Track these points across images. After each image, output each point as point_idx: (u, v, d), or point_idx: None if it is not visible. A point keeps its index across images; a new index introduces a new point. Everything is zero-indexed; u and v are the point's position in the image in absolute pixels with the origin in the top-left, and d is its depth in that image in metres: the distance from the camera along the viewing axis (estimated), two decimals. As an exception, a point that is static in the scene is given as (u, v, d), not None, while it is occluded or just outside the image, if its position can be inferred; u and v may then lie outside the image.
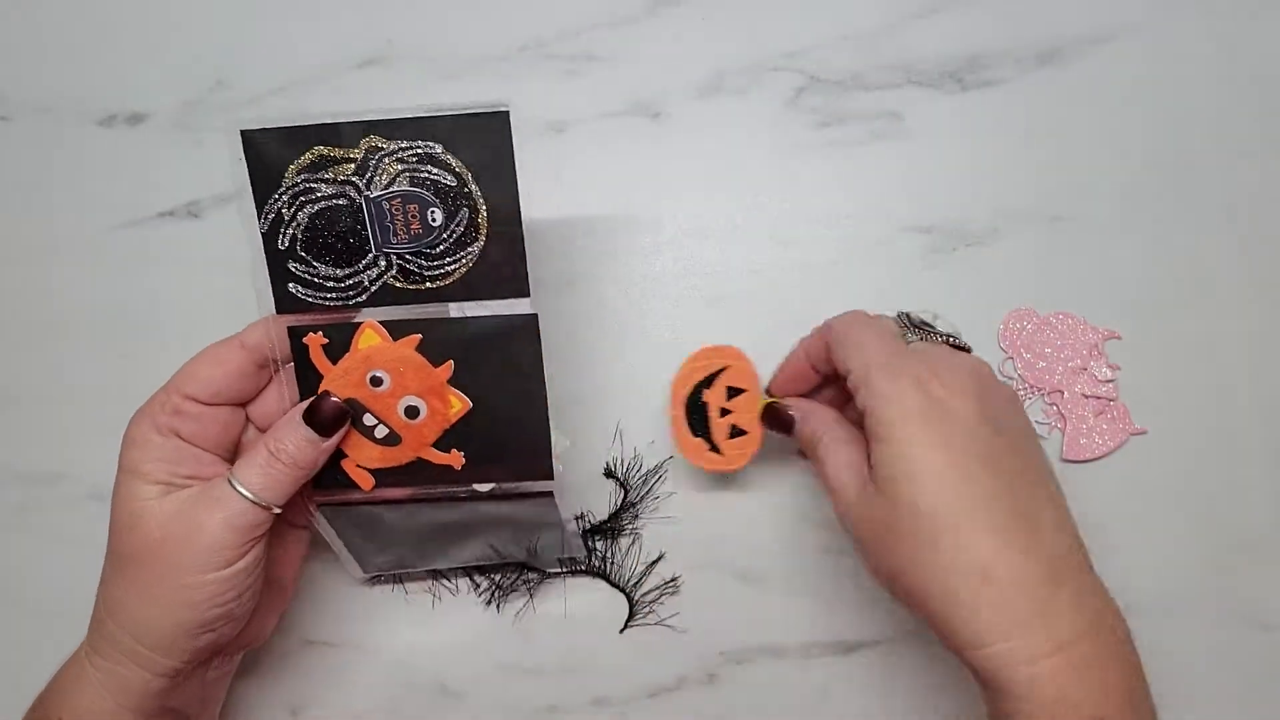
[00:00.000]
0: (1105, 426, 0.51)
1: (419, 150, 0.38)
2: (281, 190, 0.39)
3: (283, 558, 0.46)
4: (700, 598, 0.51)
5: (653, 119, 0.54)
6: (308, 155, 0.38)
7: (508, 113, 0.37)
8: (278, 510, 0.40)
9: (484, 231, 0.39)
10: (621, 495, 0.51)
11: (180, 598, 0.39)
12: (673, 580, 0.51)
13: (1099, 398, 0.51)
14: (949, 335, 0.42)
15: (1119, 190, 0.53)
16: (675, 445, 0.47)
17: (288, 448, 0.40)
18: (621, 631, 0.51)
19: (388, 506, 0.44)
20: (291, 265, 0.40)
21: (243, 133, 0.38)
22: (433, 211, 0.39)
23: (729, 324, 0.52)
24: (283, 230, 0.39)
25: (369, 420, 0.41)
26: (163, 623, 0.39)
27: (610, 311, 0.53)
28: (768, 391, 0.47)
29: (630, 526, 0.51)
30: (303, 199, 0.39)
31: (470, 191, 0.38)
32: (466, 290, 0.40)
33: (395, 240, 0.39)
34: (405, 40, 0.55)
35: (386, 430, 0.42)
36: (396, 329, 0.40)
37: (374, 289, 0.40)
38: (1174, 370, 0.51)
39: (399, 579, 0.52)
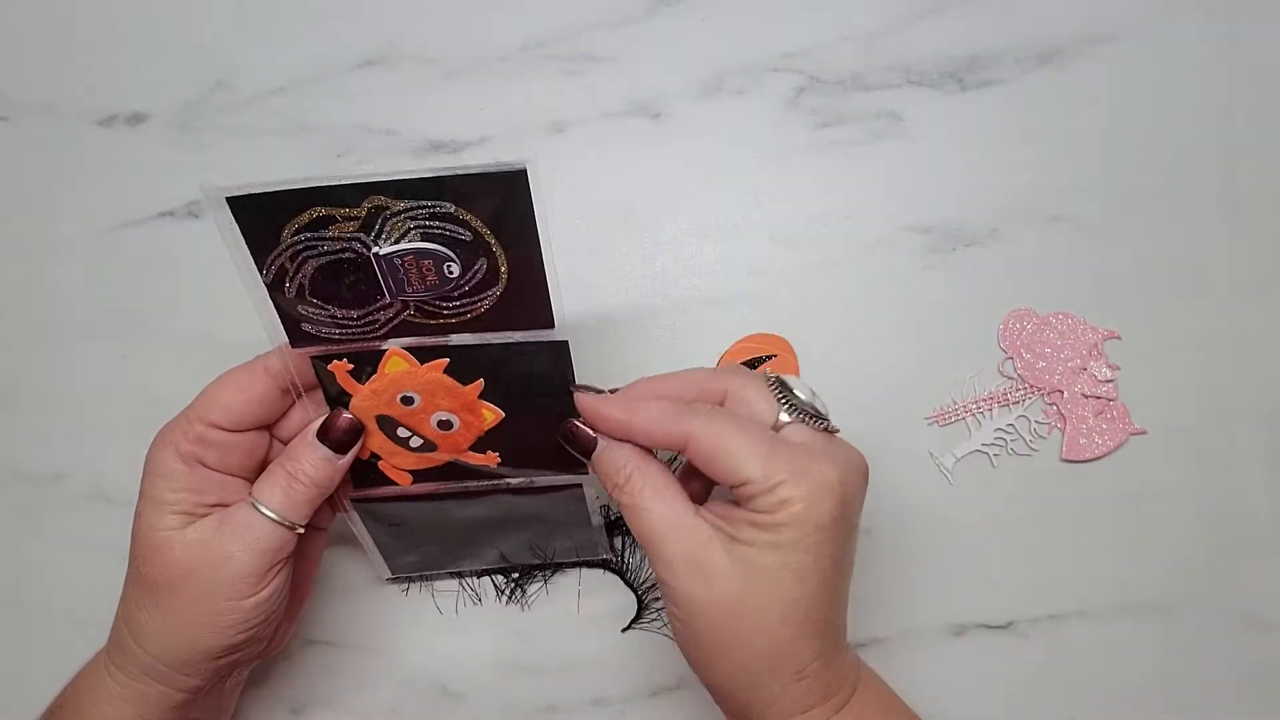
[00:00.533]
0: (1105, 426, 0.51)
1: (430, 209, 0.35)
2: (281, 248, 0.36)
3: (302, 563, 0.45)
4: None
5: (653, 119, 0.54)
6: (305, 215, 0.35)
7: (525, 171, 0.34)
8: (301, 530, 0.40)
9: (505, 277, 0.37)
10: None
11: (207, 624, 0.39)
12: None
13: (1099, 398, 0.51)
14: (822, 420, 0.38)
15: (1118, 190, 0.53)
16: None
17: (305, 468, 0.39)
18: (624, 630, 0.51)
19: (419, 502, 0.44)
20: (302, 309, 0.38)
21: (228, 199, 0.34)
22: (449, 265, 0.36)
23: (729, 324, 0.52)
24: (288, 281, 0.37)
25: (403, 433, 0.41)
26: (187, 647, 0.39)
27: (610, 311, 0.53)
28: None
29: None
30: (306, 253, 0.36)
31: (490, 244, 0.36)
32: (490, 324, 0.38)
33: (410, 290, 0.37)
34: (405, 40, 0.55)
35: (421, 441, 0.41)
36: (423, 353, 0.39)
37: (393, 324, 0.38)
38: (1174, 370, 0.51)
39: (423, 579, 0.52)
